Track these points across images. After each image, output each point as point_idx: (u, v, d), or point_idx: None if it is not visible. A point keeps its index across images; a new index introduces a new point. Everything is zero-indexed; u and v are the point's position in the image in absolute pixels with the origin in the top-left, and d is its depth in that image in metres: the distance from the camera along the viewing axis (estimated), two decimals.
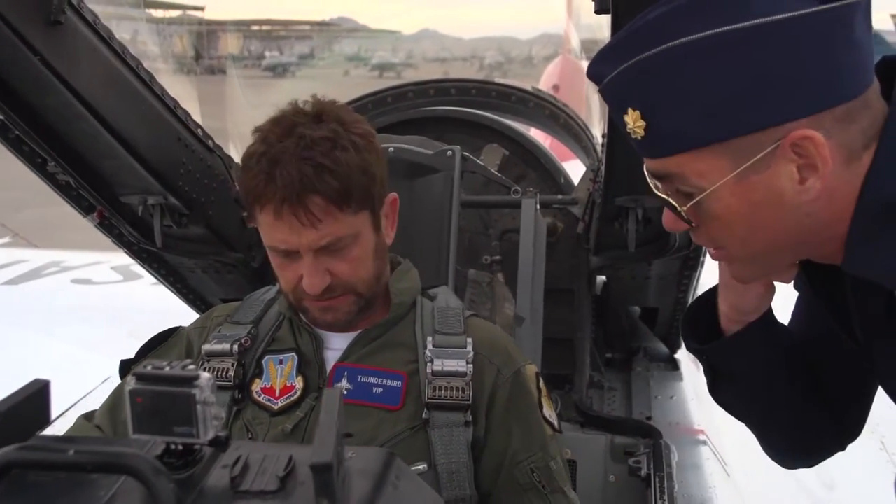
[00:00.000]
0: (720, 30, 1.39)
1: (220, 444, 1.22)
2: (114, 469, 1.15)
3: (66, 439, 1.24)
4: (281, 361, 2.23)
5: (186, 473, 1.20)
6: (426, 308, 2.31)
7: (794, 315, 1.96)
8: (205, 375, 1.19)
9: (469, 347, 2.20)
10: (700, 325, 1.90)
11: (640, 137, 1.52)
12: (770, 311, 1.83)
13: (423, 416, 2.13)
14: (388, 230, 2.24)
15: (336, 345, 2.24)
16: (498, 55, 71.22)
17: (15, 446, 1.15)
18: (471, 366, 2.17)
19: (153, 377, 1.20)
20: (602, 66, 1.52)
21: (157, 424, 1.19)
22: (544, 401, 2.25)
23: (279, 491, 1.18)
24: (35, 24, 2.28)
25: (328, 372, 2.20)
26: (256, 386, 2.22)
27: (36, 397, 1.22)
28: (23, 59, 2.30)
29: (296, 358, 2.23)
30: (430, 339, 2.21)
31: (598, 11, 2.12)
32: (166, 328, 2.45)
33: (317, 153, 2.03)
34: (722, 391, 1.96)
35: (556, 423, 2.27)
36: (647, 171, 1.59)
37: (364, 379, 2.17)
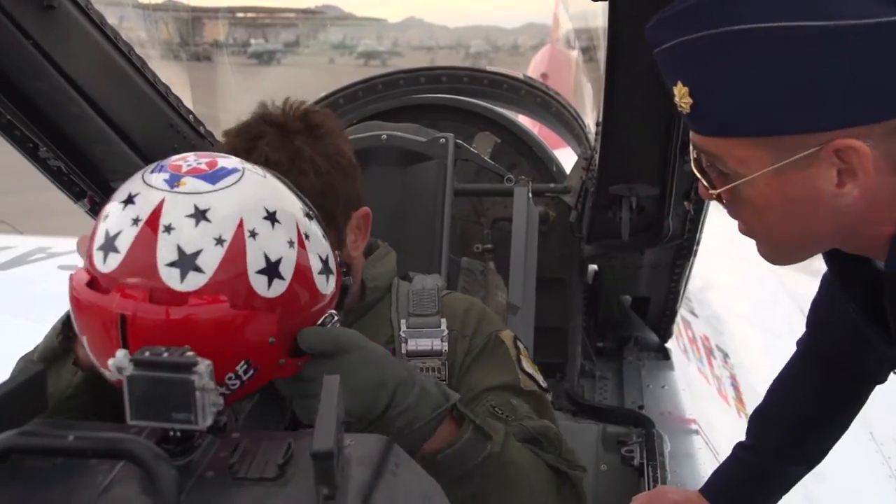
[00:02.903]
0: (783, 24, 1.33)
1: (218, 431, 1.22)
2: (113, 454, 1.14)
3: (65, 425, 1.22)
4: None
5: (185, 460, 1.19)
6: (402, 291, 2.28)
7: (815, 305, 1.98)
8: (204, 362, 1.18)
9: (443, 326, 2.16)
10: None
11: (685, 112, 1.48)
12: None
13: None
14: (358, 243, 2.18)
15: None
16: (484, 44, 71.06)
17: (14, 431, 1.14)
18: (445, 344, 2.14)
19: (151, 363, 1.19)
20: (659, 32, 1.46)
21: (155, 411, 1.18)
22: (523, 357, 2.20)
23: (278, 478, 1.17)
24: (28, 8, 2.27)
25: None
26: None
27: (33, 382, 1.20)
28: (15, 43, 2.29)
29: None
30: (403, 321, 2.19)
31: None
32: None
33: None
34: None
35: (540, 381, 2.20)
36: (691, 141, 1.55)
37: None
